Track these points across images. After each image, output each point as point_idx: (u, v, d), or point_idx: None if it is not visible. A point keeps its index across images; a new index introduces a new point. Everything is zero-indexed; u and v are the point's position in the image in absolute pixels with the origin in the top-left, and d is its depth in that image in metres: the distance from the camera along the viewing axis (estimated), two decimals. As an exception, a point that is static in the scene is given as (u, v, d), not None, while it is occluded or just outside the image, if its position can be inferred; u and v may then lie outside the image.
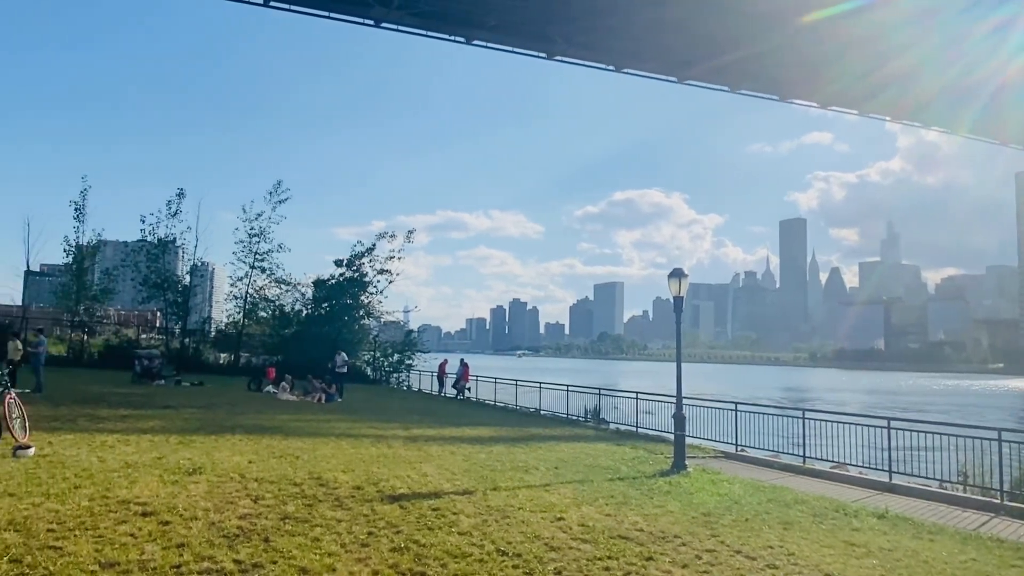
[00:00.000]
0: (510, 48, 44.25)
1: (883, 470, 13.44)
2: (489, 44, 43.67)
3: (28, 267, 45.02)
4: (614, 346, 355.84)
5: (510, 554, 6.66)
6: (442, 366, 33.60)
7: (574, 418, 22.98)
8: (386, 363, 39.66)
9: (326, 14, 44.86)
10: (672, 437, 14.42)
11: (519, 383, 27.34)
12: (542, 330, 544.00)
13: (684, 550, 7.44)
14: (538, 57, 45.70)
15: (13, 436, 10.46)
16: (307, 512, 7.53)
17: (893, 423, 13.93)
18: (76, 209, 38.97)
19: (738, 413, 17.09)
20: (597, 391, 23.72)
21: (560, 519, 8.31)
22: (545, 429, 19.77)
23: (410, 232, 41.04)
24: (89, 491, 7.58)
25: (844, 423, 14.88)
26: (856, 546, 8.07)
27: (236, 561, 5.64)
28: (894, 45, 32.86)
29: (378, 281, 39.71)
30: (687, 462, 13.42)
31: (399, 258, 39.68)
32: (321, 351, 35.84)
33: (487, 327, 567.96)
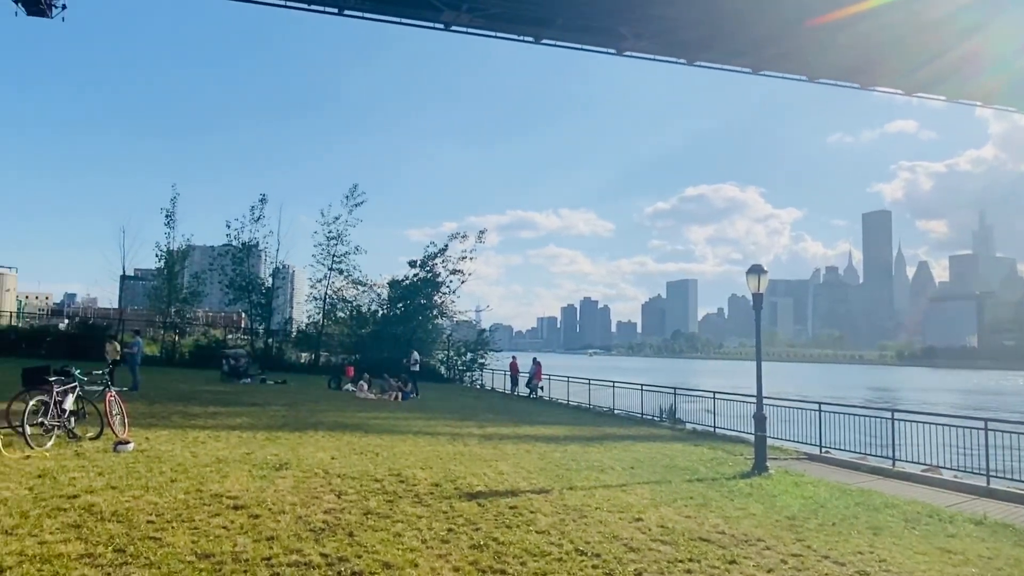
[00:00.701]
0: (579, 46, 44.01)
1: (980, 474, 12.71)
2: (558, 43, 43.58)
3: (124, 272, 47.66)
4: (688, 345, 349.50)
5: (589, 554, 6.63)
6: (513, 364, 33.73)
7: (649, 418, 22.67)
8: (459, 362, 40.13)
9: (397, 20, 45.71)
10: (751, 438, 14.07)
11: (592, 382, 27.16)
12: (613, 328, 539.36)
13: (768, 554, 7.24)
14: (607, 53, 45.27)
15: (114, 432, 11.10)
16: (388, 508, 7.69)
17: (991, 424, 13.16)
18: (167, 216, 41.05)
19: (822, 413, 16.50)
20: (672, 390, 23.33)
21: (638, 520, 8.21)
22: (620, 428, 19.59)
23: (481, 232, 41.44)
24: (184, 485, 7.95)
25: (937, 424, 14.15)
26: (952, 553, 7.67)
27: (323, 555, 5.81)
28: (985, 26, 31.07)
29: (451, 281, 40.26)
30: (768, 463, 13.04)
31: (471, 258, 40.11)
32: (396, 350, 36.58)
33: (558, 326, 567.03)
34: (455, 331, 43.45)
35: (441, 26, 42.49)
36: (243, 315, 47.39)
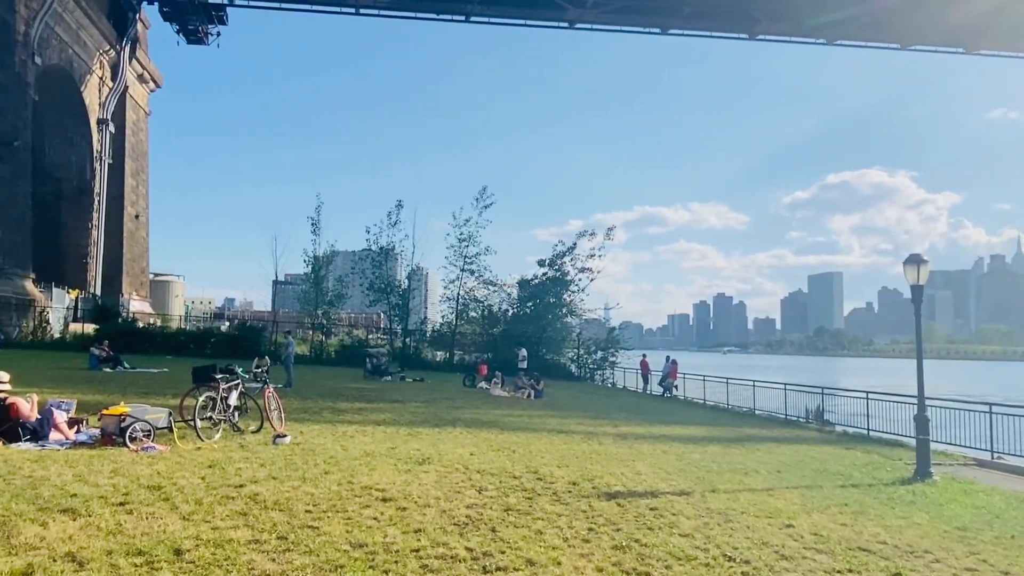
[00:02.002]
0: (708, 33, 42.66)
1: None
2: (685, 31, 42.42)
3: (276, 277, 51.29)
4: (833, 341, 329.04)
5: (737, 560, 6.35)
6: (644, 363, 33.17)
7: (793, 419, 21.55)
8: (590, 360, 39.98)
9: (521, 22, 46.16)
10: (910, 441, 13.06)
11: (730, 381, 26.18)
12: (750, 325, 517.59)
13: (938, 567, 6.65)
14: (738, 39, 43.59)
15: (272, 426, 11.90)
16: (528, 505, 7.74)
17: None
18: (312, 224, 43.73)
19: (993, 416, 15.00)
20: (820, 390, 22.04)
21: (789, 526, 7.80)
22: (761, 430, 18.76)
23: (610, 229, 41.15)
24: (336, 477, 8.38)
25: None
26: None
27: (468, 549, 5.93)
28: None
29: (579, 279, 40.25)
30: (932, 469, 12.02)
31: (599, 256, 39.89)
32: (527, 349, 36.99)
33: (690, 323, 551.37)
34: (584, 329, 43.35)
35: (566, 24, 42.58)
36: (382, 316, 49.66)
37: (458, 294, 41.39)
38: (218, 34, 58.12)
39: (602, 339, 41.13)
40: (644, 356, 33.98)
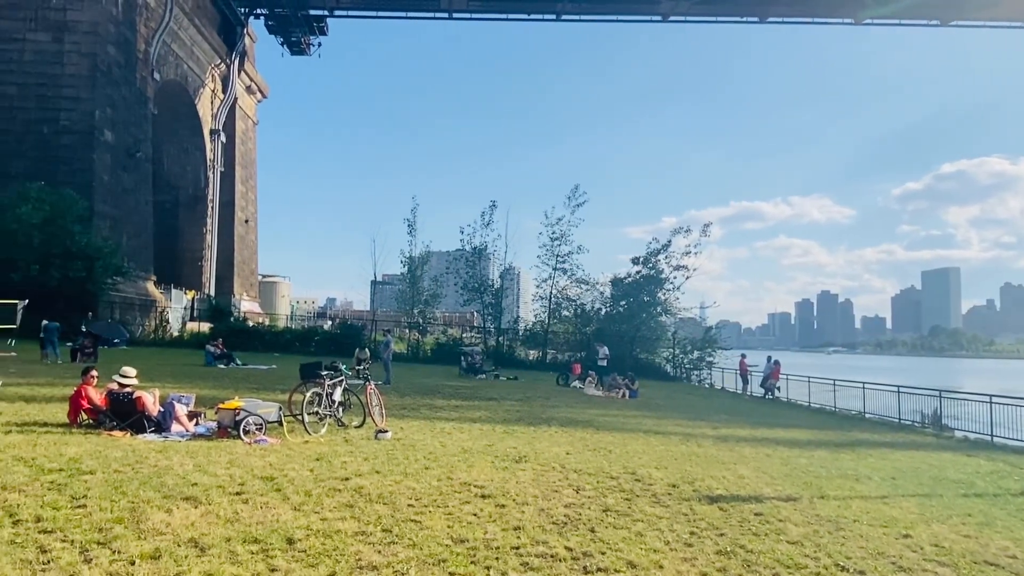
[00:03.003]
0: (810, 19, 40.99)
1: None
2: (785, 19, 40.87)
3: (375, 277, 52.97)
4: (950, 341, 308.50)
5: (851, 570, 6.04)
6: (743, 363, 32.14)
7: (907, 423, 20.35)
8: (685, 360, 39.12)
9: (613, 18, 45.67)
10: (1045, 450, 12.01)
11: (837, 383, 24.99)
12: (857, 324, 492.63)
13: (1081, 589, 6.09)
14: (842, 24, 41.64)
15: (374, 421, 12.27)
16: (627, 506, 7.64)
17: None
18: (409, 225, 44.84)
19: None
20: (937, 392, 20.71)
21: (906, 536, 7.35)
22: (872, 434, 17.80)
23: (706, 226, 40.13)
24: (436, 472, 8.54)
25: None
26: None
27: (567, 548, 5.90)
28: None
29: (674, 277, 39.45)
30: (1070, 481, 11.05)
31: (695, 253, 38.96)
32: (621, 348, 36.55)
33: (792, 322, 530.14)
34: (679, 328, 42.44)
35: (658, 18, 41.82)
36: (476, 315, 50.34)
37: (550, 293, 41.42)
38: (319, 44, 60.59)
39: (698, 338, 40.15)
40: (743, 356, 32.91)
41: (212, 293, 53.70)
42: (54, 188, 34.90)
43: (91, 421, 10.26)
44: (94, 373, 10.85)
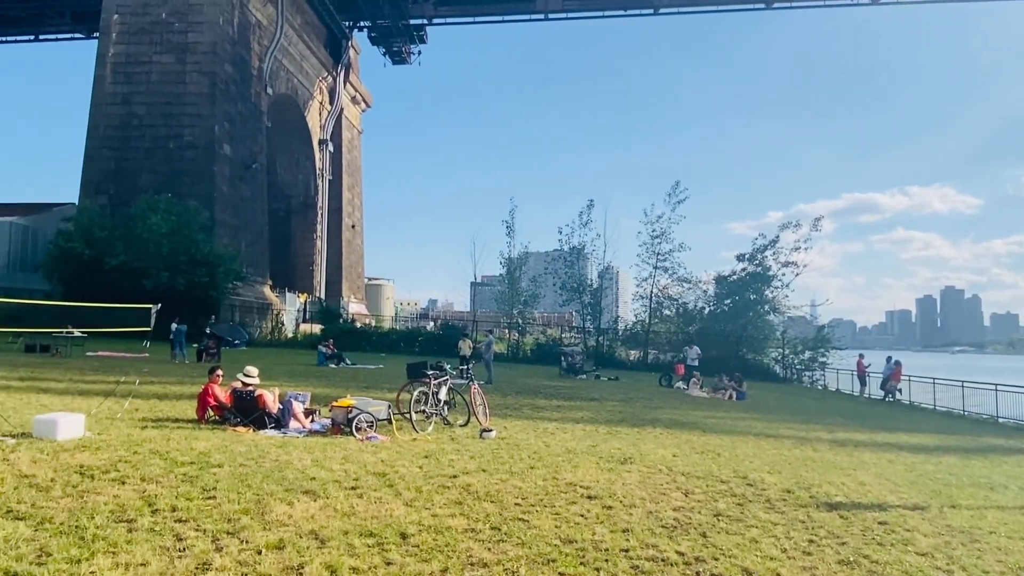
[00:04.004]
0: (927, -2, 38.44)
1: None
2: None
3: (475, 278, 53.87)
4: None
5: (991, 587, 5.59)
6: (860, 363, 30.47)
7: (1048, 429, 18.70)
8: (796, 361, 37.52)
9: (715, 8, 44.45)
10: None
11: (966, 384, 23.29)
12: (986, 322, 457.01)
13: None
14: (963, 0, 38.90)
15: (478, 420, 12.45)
16: (739, 511, 7.38)
17: None
18: (507, 227, 45.30)
19: None
20: (1081, 396, 18.94)
21: (1053, 552, 6.73)
22: (1008, 440, 16.49)
23: (817, 220, 38.48)
24: (542, 472, 8.55)
25: None
26: None
27: (679, 552, 5.76)
28: None
29: (783, 274, 37.97)
30: None
31: (805, 249, 37.35)
32: (726, 348, 35.52)
33: (912, 320, 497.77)
34: (789, 328, 40.77)
35: (762, 5, 40.39)
36: (574, 315, 50.24)
37: (651, 292, 40.81)
38: (419, 52, 62.23)
39: (810, 338, 38.43)
40: (861, 356, 31.19)
41: (323, 296, 56.14)
42: (179, 200, 37.53)
43: (217, 417, 10.93)
44: (219, 372, 11.56)
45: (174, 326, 24.28)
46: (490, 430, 11.35)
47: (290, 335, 42.90)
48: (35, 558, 4.68)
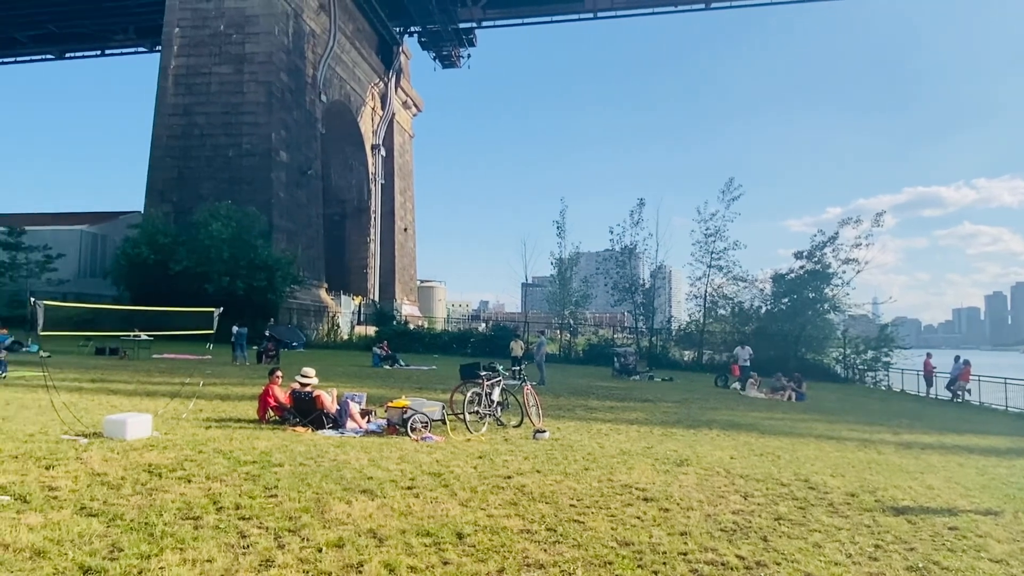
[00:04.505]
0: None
1: None
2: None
3: (525, 279, 53.93)
4: None
5: (1074, 598, 5.31)
6: (926, 363, 29.37)
7: None
8: (858, 361, 36.40)
9: (766, 1, 43.52)
10: None
11: (1042, 384, 22.23)
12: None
13: None
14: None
15: (531, 421, 12.44)
16: (801, 515, 7.19)
17: None
18: (558, 227, 45.23)
19: None
20: None
21: None
22: (1090, 443, 15.63)
23: (878, 215, 37.31)
24: (596, 473, 8.49)
25: None
26: None
27: (739, 556, 5.64)
28: None
29: (843, 272, 36.93)
30: None
31: (866, 245, 36.24)
32: (784, 348, 34.71)
33: (981, 317, 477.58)
34: (850, 327, 39.60)
35: (817, -4, 39.26)
36: (627, 315, 49.83)
37: (705, 291, 40.20)
38: (468, 56, 62.67)
39: (872, 337, 37.23)
40: (928, 356, 30.06)
41: (376, 298, 57.01)
42: (239, 206, 38.63)
43: (277, 418, 11.19)
44: (279, 374, 11.84)
45: (235, 329, 24.97)
46: (543, 431, 11.34)
47: (345, 337, 43.68)
48: (107, 553, 4.86)
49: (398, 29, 59.88)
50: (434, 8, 53.73)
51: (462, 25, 58.21)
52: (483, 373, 12.34)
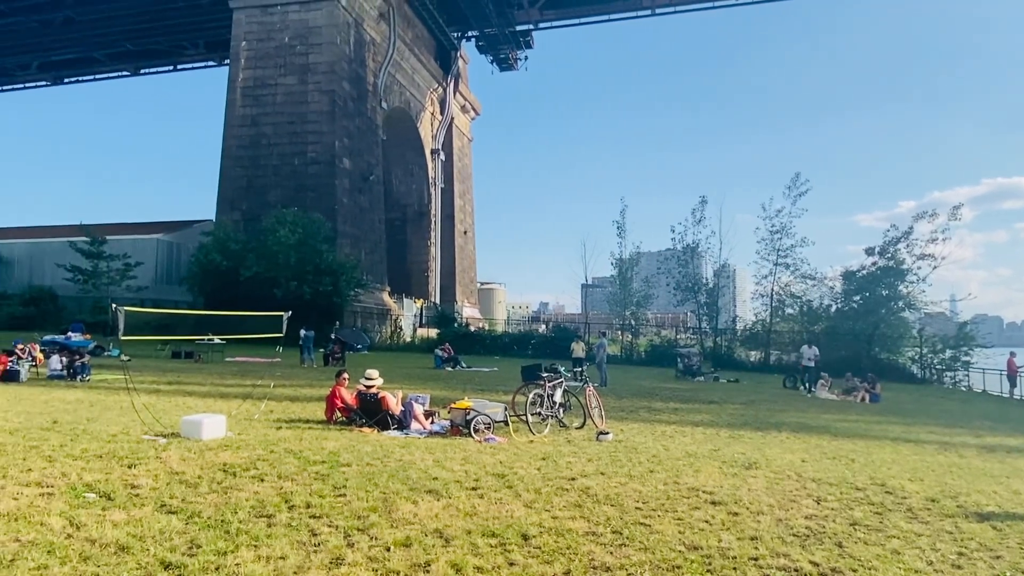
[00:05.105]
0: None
1: None
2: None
3: (585, 280, 53.71)
4: None
5: None
6: (1010, 362, 27.91)
7: None
8: (936, 360, 34.86)
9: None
10: None
11: None
12: None
13: None
14: None
15: (594, 423, 12.37)
16: (878, 520, 6.92)
17: None
18: (618, 227, 44.89)
19: None
20: None
21: None
22: None
23: (955, 208, 35.66)
24: (662, 476, 8.37)
25: None
26: None
27: (813, 563, 5.47)
28: None
29: (918, 268, 35.44)
30: None
31: (943, 240, 34.70)
32: (856, 348, 33.58)
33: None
34: (927, 325, 37.98)
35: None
36: (689, 315, 49.02)
37: (772, 290, 39.19)
38: (526, 58, 62.83)
39: (951, 335, 35.62)
40: (1012, 355, 28.57)
41: (437, 301, 57.68)
42: (304, 212, 39.69)
43: (344, 419, 11.43)
44: (346, 376, 12.10)
45: (302, 332, 25.64)
46: (607, 432, 11.25)
47: (408, 339, 44.34)
48: (187, 549, 5.04)
49: (456, 34, 60.48)
50: (491, 12, 54.04)
51: (519, 27, 58.38)
52: (545, 375, 12.33)
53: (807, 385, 23.81)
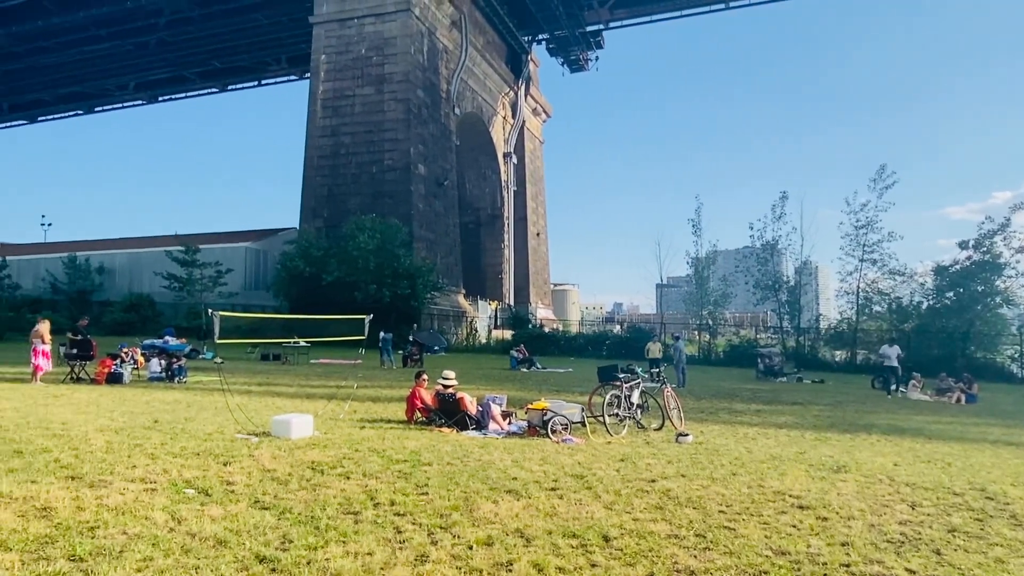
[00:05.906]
0: None
1: None
2: None
3: (660, 280, 53.00)
4: None
5: None
6: None
7: None
8: (1040, 359, 32.74)
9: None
10: None
11: None
12: None
13: None
14: None
15: (673, 424, 12.19)
16: (978, 527, 6.58)
17: None
18: (693, 225, 44.11)
19: None
20: None
21: None
22: None
23: (1058, 197, 33.30)
24: (745, 479, 8.19)
25: None
26: None
27: (909, 571, 5.25)
28: None
29: (1017, 262, 33.39)
30: None
31: (1044, 231, 32.56)
32: (949, 346, 31.96)
33: None
34: (1030, 321, 35.75)
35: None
36: (770, 314, 47.65)
37: (858, 287, 37.67)
38: (596, 59, 62.51)
39: (1058, 333, 33.40)
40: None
41: (512, 303, 58.03)
42: (382, 218, 40.70)
43: (424, 419, 11.67)
44: (425, 377, 12.34)
45: (382, 335, 26.28)
46: (686, 434, 11.08)
47: (483, 341, 44.77)
48: (279, 544, 5.27)
49: (526, 38, 60.73)
50: (561, 14, 54.02)
51: (589, 28, 58.15)
52: (621, 375, 12.24)
53: (896, 386, 22.72)
